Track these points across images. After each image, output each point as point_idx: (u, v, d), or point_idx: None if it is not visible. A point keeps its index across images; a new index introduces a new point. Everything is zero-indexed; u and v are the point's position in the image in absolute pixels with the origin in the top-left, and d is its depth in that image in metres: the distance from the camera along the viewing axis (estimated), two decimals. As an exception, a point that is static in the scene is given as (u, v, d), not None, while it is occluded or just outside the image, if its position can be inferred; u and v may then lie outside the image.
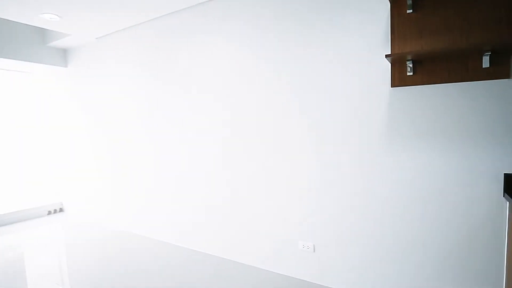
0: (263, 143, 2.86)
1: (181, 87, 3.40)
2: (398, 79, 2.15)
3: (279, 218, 2.83)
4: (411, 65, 2.07)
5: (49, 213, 5.25)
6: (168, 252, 3.43)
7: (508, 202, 1.75)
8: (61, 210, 5.37)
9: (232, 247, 3.16)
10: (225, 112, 3.08)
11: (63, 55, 4.72)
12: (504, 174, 1.89)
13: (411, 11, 2.06)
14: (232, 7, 2.94)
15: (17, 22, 4.15)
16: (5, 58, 4.14)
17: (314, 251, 2.65)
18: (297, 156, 2.68)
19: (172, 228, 3.67)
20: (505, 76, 1.86)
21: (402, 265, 2.27)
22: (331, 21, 2.43)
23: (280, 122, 2.75)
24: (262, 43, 2.80)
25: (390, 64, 2.22)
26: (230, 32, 2.98)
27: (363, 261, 2.42)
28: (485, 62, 1.87)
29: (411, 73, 2.09)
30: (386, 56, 2.00)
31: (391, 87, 2.18)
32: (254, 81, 2.87)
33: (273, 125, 2.78)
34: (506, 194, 1.75)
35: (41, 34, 4.49)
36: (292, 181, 2.72)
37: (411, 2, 2.03)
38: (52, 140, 5.30)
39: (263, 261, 2.96)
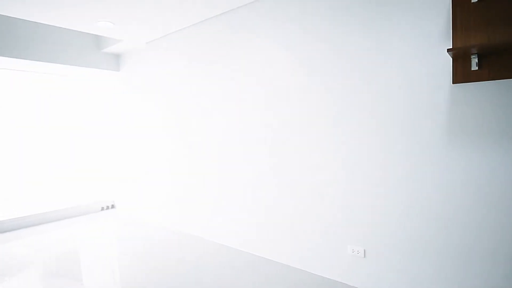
0: (316, 142, 2.80)
1: (232, 88, 3.44)
2: (461, 75, 1.99)
3: (326, 220, 2.75)
4: (476, 60, 1.90)
5: (102, 209, 5.57)
6: (214, 251, 3.48)
7: None
8: (112, 206, 5.68)
9: (276, 248, 3.13)
10: (279, 113, 3.06)
11: (116, 60, 5.00)
12: None
13: (475, 0, 1.89)
14: (282, 7, 2.91)
15: (75, 30, 4.47)
16: (64, 64, 4.46)
17: (364, 257, 2.54)
18: (346, 156, 2.58)
19: (218, 228, 3.72)
20: None
21: (465, 277, 2.09)
22: (385, 17, 2.32)
23: (330, 121, 2.67)
24: (314, 42, 2.74)
25: (451, 59, 2.06)
26: (281, 32, 2.95)
27: (420, 270, 2.27)
28: None
29: (476, 68, 1.92)
30: (448, 50, 1.85)
31: (453, 83, 2.02)
32: (307, 81, 2.82)
33: (324, 125, 2.71)
34: None
35: (96, 41, 4.77)
36: (341, 181, 2.63)
37: (476, -10, 1.87)
38: (106, 140, 5.62)
39: (309, 263, 2.90)
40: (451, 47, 2.03)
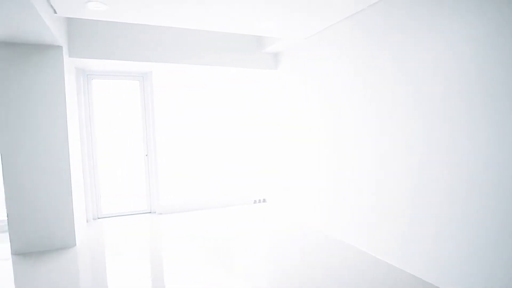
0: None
1: (398, 87, 2.95)
2: None
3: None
4: None
5: (255, 202, 5.89)
6: (361, 261, 3.07)
7: None
8: (264, 200, 5.94)
9: (440, 269, 2.47)
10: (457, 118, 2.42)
11: (274, 59, 5.14)
12: None
13: None
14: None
15: (240, 34, 4.79)
16: (231, 66, 4.87)
17: None
18: None
19: (373, 239, 3.29)
20: None
21: None
22: None
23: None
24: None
25: None
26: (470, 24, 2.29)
27: None
28: None
29: None
30: None
31: None
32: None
33: None
34: None
35: (258, 42, 5.01)
36: None
37: None
38: (262, 137, 5.92)
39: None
40: None
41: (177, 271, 3.10)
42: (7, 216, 3.44)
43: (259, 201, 5.91)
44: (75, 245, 3.74)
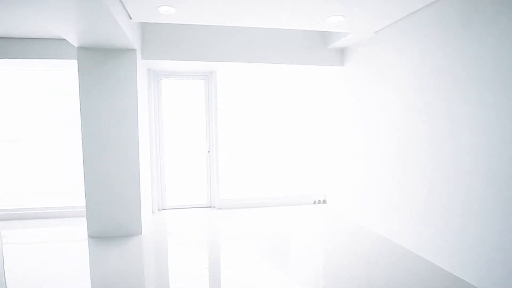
0: None
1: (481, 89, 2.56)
2: None
3: None
4: None
5: (314, 202, 5.73)
6: (416, 267, 2.76)
7: None
8: (324, 201, 5.75)
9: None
10: None
11: (340, 55, 4.88)
12: None
13: None
14: None
15: (304, 30, 4.64)
16: (295, 64, 4.75)
17: None
18: None
19: (439, 248, 2.94)
20: None
21: None
22: None
23: None
24: None
25: None
26: None
27: None
28: None
29: None
30: None
31: None
32: None
33: None
34: None
35: (322, 37, 4.80)
36: None
37: None
38: (324, 136, 5.72)
39: None
40: None
41: (232, 264, 3.23)
42: (86, 203, 3.85)
43: (319, 201, 5.73)
44: (141, 233, 4.03)
